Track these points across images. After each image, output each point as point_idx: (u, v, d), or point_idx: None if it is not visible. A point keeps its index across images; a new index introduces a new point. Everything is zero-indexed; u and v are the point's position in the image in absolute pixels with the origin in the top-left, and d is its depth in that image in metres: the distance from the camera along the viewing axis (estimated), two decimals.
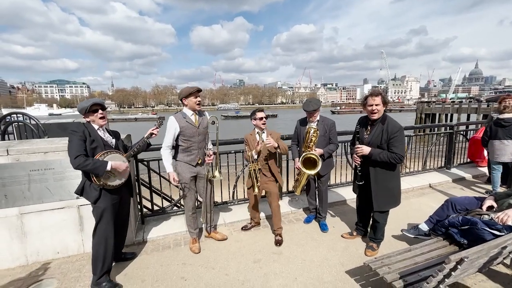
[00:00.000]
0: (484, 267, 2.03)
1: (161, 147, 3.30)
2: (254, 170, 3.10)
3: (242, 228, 3.45)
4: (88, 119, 2.36)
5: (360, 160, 2.74)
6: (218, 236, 3.24)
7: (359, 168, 2.79)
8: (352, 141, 2.98)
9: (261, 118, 3.09)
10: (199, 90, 2.85)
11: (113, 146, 2.46)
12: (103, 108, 2.42)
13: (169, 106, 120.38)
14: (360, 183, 2.81)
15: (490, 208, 2.63)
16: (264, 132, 3.16)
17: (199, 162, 2.95)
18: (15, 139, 4.89)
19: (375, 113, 2.59)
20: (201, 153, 2.95)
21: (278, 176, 3.27)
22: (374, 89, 2.73)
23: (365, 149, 2.63)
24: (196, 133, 2.88)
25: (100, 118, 2.37)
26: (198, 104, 2.84)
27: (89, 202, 2.38)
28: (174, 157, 2.96)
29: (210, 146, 3.09)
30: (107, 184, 2.32)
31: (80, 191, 2.35)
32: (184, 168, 2.91)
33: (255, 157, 3.08)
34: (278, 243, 3.14)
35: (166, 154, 2.86)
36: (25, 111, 5.84)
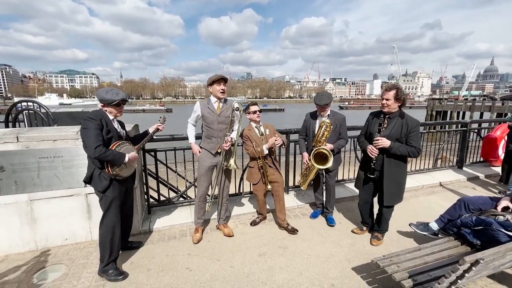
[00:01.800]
0: (498, 269, 1.95)
1: (166, 138, 3.51)
2: (262, 166, 3.08)
3: (251, 224, 3.44)
4: (106, 109, 2.36)
5: (377, 153, 2.69)
6: (225, 230, 3.19)
7: (374, 161, 2.75)
8: (364, 132, 2.94)
9: (254, 112, 3.06)
10: (223, 78, 2.85)
11: (124, 137, 2.48)
12: (125, 102, 2.46)
13: (176, 98, 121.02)
14: (372, 176, 2.80)
15: (505, 209, 2.54)
16: (261, 125, 3.15)
17: (219, 151, 2.93)
18: (25, 127, 4.96)
19: (385, 107, 2.65)
20: (221, 142, 2.91)
21: (279, 167, 3.35)
22: (390, 84, 2.73)
23: (386, 142, 2.59)
24: (215, 120, 2.87)
25: (119, 112, 2.43)
26: (222, 93, 2.84)
27: (96, 191, 2.39)
28: (200, 144, 3.05)
29: (232, 135, 2.94)
30: (118, 175, 2.33)
31: (89, 180, 2.34)
32: (204, 157, 2.95)
33: (266, 152, 3.05)
34: (294, 230, 3.20)
35: (189, 127, 3.04)
36: (37, 100, 5.91)
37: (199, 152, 2.99)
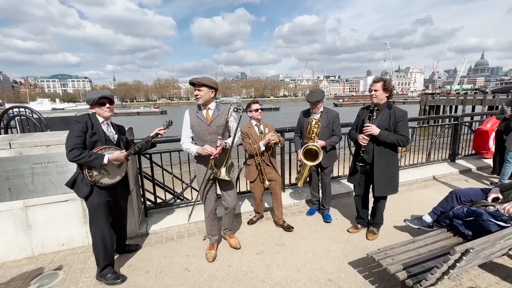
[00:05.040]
0: (488, 258, 2.01)
1: (162, 140, 3.34)
2: (259, 163, 3.11)
3: (248, 222, 3.46)
4: (93, 111, 2.32)
5: (367, 140, 2.74)
6: (232, 241, 2.93)
7: (363, 149, 2.80)
8: (355, 126, 3.01)
9: (256, 110, 3.09)
10: (193, 83, 2.46)
11: (114, 142, 2.42)
12: (111, 102, 2.36)
13: (171, 100, 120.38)
14: (361, 164, 2.86)
15: (495, 199, 2.60)
16: (261, 124, 3.18)
17: (213, 164, 2.55)
18: (18, 133, 4.91)
19: (374, 97, 2.73)
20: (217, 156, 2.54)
21: (277, 166, 3.35)
22: (377, 77, 2.86)
23: (374, 129, 2.67)
24: (206, 131, 2.52)
25: (106, 111, 2.33)
26: (197, 99, 2.48)
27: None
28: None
29: (228, 140, 2.58)
30: (99, 182, 2.25)
31: (71, 184, 2.30)
32: (200, 171, 2.67)
33: (263, 149, 3.07)
34: (290, 227, 3.23)
35: (186, 143, 2.59)
36: (29, 106, 5.84)
37: (207, 150, 2.47)
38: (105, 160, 2.21)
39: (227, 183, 2.71)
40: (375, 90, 2.70)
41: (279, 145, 3.25)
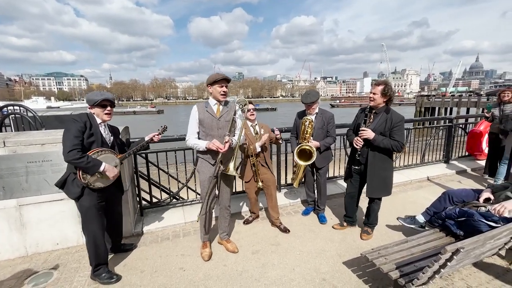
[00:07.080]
0: (479, 258, 2.04)
1: (161, 140, 3.34)
2: (254, 163, 3.12)
3: (244, 222, 3.47)
4: (92, 111, 2.30)
5: (361, 144, 2.78)
6: (229, 246, 2.88)
7: (359, 152, 2.84)
8: (352, 127, 3.04)
9: (248, 110, 3.09)
10: (226, 79, 2.54)
11: (110, 145, 2.40)
12: (112, 105, 2.36)
13: (168, 100, 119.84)
14: (357, 167, 2.91)
15: (487, 200, 2.64)
16: (256, 125, 3.20)
17: (220, 160, 2.56)
18: (12, 131, 4.86)
19: (371, 101, 2.75)
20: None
21: (272, 166, 3.37)
22: (380, 80, 2.87)
23: (370, 133, 2.69)
24: (215, 125, 2.56)
25: (106, 114, 2.32)
26: (222, 95, 2.54)
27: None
28: (197, 154, 2.73)
29: (235, 137, 2.62)
30: (91, 184, 2.22)
31: (61, 184, 2.25)
32: (204, 167, 2.64)
33: (259, 150, 3.09)
34: (286, 230, 3.25)
35: (191, 140, 2.59)
36: (23, 104, 5.78)
37: (216, 145, 2.46)
38: (101, 169, 2.21)
39: (227, 182, 2.77)
40: (373, 93, 2.71)
41: (281, 142, 3.46)
